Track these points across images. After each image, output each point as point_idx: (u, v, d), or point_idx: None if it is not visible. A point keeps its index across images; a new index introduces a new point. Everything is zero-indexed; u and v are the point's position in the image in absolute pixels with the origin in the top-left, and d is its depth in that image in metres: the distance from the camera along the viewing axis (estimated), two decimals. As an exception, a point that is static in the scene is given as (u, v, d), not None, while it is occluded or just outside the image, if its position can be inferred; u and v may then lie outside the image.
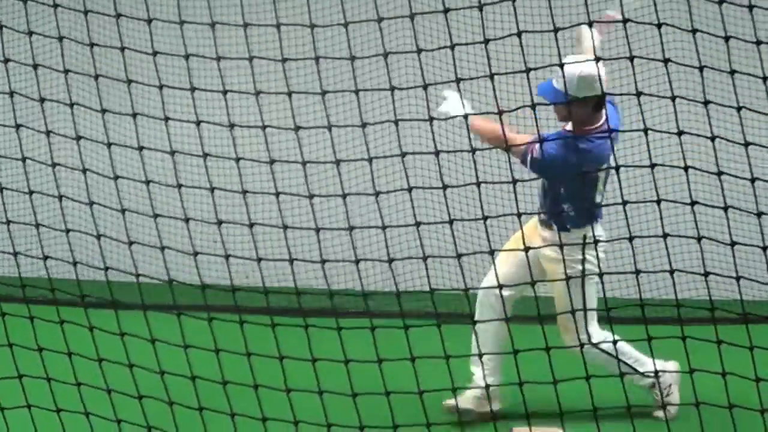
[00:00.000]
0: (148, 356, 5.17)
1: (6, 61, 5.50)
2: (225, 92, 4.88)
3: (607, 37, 6.62)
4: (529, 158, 6.23)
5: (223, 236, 5.00)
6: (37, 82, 5.49)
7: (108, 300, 5.55)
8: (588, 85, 6.19)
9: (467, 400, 6.61)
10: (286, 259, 4.75)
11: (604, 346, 6.39)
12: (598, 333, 6.51)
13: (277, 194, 4.66)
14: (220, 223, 4.69)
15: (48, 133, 5.42)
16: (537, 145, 6.13)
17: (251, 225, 4.66)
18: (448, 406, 6.54)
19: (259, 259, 4.62)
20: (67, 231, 5.47)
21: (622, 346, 6.47)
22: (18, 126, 5.47)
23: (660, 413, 6.36)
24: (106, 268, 5.30)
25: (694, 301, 7.55)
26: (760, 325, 5.44)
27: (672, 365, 6.57)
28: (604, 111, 6.30)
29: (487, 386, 6.08)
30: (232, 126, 4.87)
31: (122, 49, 5.14)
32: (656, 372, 6.44)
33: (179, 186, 4.93)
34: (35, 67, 5.37)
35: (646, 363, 6.52)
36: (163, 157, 5.26)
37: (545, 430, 5.86)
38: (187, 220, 4.94)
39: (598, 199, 6.49)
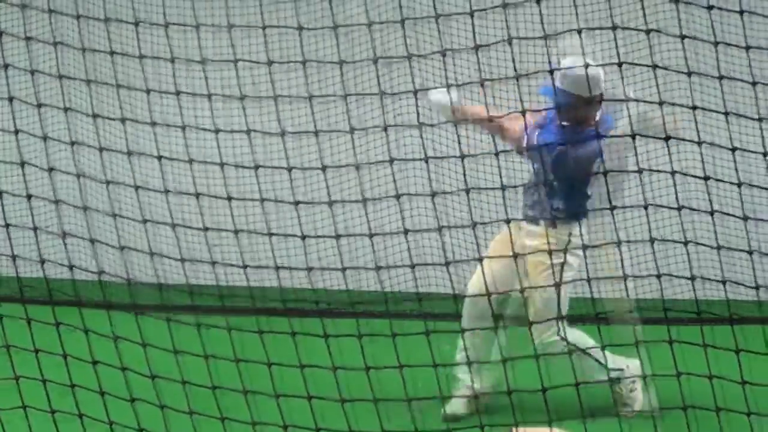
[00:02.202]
0: (141, 359, 5.22)
1: (6, 66, 5.55)
2: (210, 96, 4.90)
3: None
4: (526, 140, 6.29)
5: (211, 241, 5.04)
6: (34, 87, 5.53)
7: (102, 302, 5.59)
8: (595, 84, 6.25)
9: (459, 405, 6.62)
10: (273, 266, 4.79)
11: (570, 339, 6.45)
12: (567, 327, 6.56)
13: (262, 200, 4.70)
14: (206, 229, 4.74)
15: (45, 138, 5.47)
16: (533, 128, 6.18)
17: (236, 231, 4.70)
18: (446, 416, 6.55)
19: (245, 266, 4.67)
20: (64, 235, 5.52)
21: (587, 341, 6.54)
22: (17, 131, 5.52)
23: (625, 410, 6.47)
24: (100, 272, 5.35)
25: (683, 302, 7.53)
26: (749, 325, 5.47)
27: (634, 364, 6.62)
28: (599, 112, 6.40)
29: (476, 395, 6.12)
30: (217, 131, 4.90)
31: (111, 53, 5.17)
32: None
33: (166, 191, 4.98)
34: (32, 72, 5.42)
35: (609, 359, 6.55)
36: (153, 162, 5.30)
37: (545, 430, 5.87)
38: (173, 225, 4.98)
39: (589, 193, 6.55)
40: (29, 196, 5.56)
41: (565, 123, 6.44)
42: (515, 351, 5.73)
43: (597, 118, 6.41)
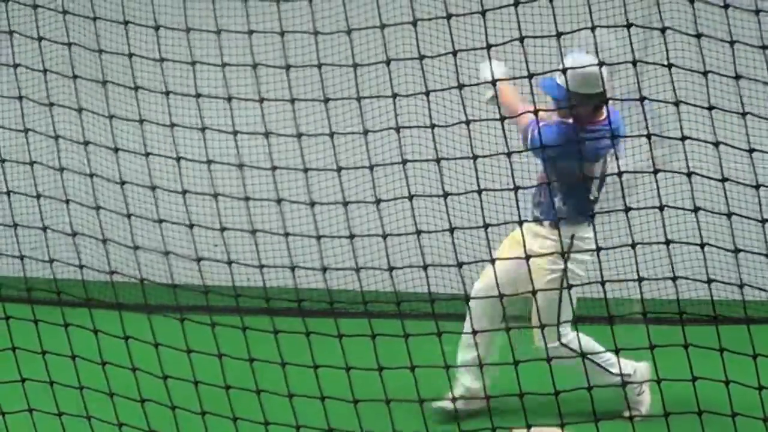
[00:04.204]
0: (151, 360, 5.18)
1: (16, 66, 5.54)
2: (229, 99, 4.90)
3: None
4: (529, 134, 6.27)
5: (226, 240, 5.02)
6: (46, 88, 5.52)
7: (112, 302, 5.57)
8: (590, 83, 6.22)
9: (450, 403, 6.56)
10: (288, 267, 4.77)
11: (573, 345, 6.40)
12: (568, 333, 6.53)
13: (279, 201, 4.68)
14: (223, 229, 4.72)
15: (56, 137, 5.45)
16: (537, 124, 6.12)
17: (254, 231, 4.68)
18: (441, 407, 6.51)
19: (261, 266, 4.65)
20: (73, 234, 5.50)
21: (593, 345, 6.51)
22: (26, 130, 5.50)
23: (633, 413, 6.40)
24: (111, 272, 5.33)
25: (697, 302, 7.53)
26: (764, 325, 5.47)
27: (643, 366, 6.58)
28: (604, 110, 6.36)
29: (488, 397, 6.10)
30: (235, 133, 4.90)
31: (130, 55, 5.17)
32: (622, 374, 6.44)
33: (184, 192, 4.96)
34: (45, 72, 5.40)
35: (615, 364, 6.51)
36: (168, 163, 5.29)
37: (545, 430, 5.86)
38: (191, 225, 4.97)
39: (592, 196, 6.51)
40: (38, 196, 5.54)
41: (564, 120, 6.41)
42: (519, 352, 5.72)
43: (600, 118, 6.39)
